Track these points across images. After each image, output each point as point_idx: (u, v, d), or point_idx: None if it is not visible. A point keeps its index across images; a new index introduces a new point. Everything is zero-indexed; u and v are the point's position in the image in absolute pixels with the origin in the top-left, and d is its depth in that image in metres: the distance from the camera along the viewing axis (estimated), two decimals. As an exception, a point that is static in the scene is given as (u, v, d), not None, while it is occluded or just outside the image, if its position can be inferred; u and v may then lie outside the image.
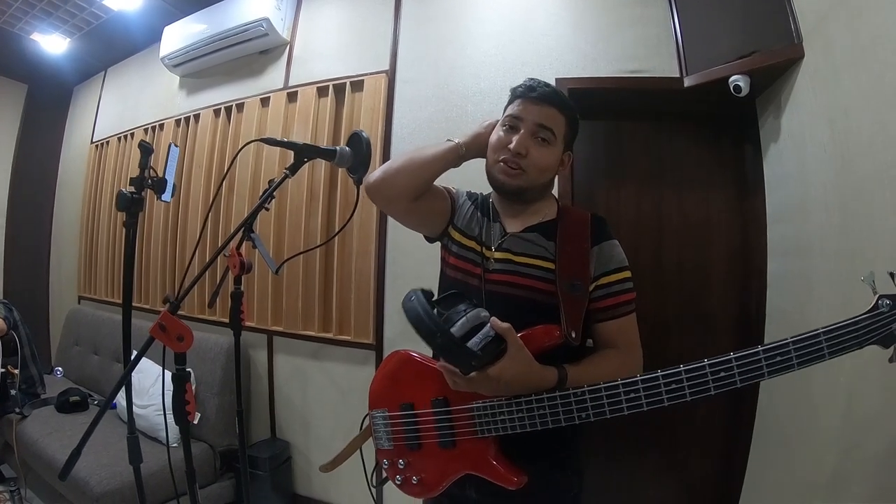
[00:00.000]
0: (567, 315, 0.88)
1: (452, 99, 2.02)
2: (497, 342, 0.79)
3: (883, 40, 1.14)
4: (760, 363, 0.71)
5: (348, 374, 2.13)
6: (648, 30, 1.82)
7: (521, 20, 1.97)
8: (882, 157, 1.14)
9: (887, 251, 1.12)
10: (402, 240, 2.05)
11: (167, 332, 0.95)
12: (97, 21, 2.99)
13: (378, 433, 1.03)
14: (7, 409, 2.33)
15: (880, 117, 1.15)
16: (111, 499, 1.79)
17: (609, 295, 0.93)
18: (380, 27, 2.19)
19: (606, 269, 0.94)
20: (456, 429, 0.90)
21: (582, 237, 0.95)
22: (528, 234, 0.98)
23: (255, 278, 2.28)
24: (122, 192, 1.24)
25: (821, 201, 1.41)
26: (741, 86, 1.59)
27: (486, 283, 0.96)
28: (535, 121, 0.94)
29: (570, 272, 0.92)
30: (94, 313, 3.04)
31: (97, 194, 3.27)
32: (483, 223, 1.04)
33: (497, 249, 0.98)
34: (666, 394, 0.76)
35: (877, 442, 1.13)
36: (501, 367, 0.79)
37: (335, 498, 2.23)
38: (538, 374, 0.83)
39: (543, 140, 0.95)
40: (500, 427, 0.86)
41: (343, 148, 1.15)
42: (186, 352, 1.03)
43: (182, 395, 1.06)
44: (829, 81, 1.37)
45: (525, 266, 0.95)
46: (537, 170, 0.95)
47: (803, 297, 1.52)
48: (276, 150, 2.30)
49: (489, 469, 0.88)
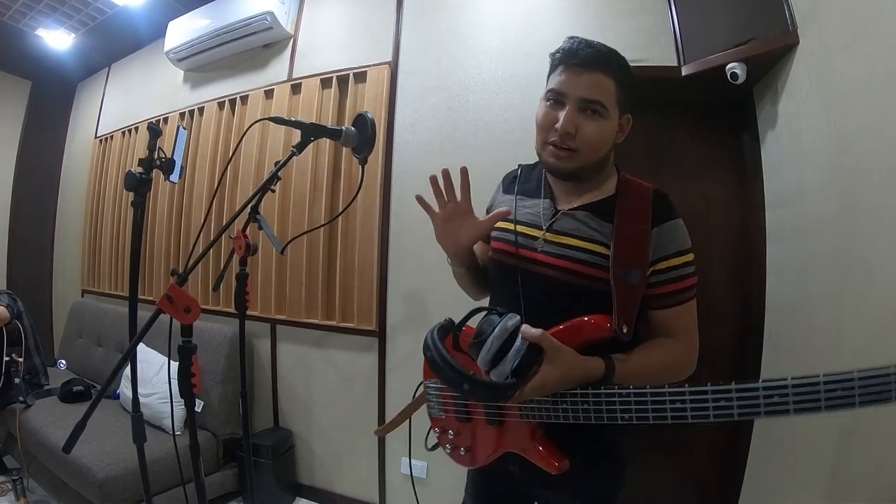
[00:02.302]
0: (620, 307, 0.80)
1: (454, 89, 2.04)
2: (532, 353, 0.75)
3: (875, 23, 1.16)
4: (819, 394, 0.62)
5: (352, 362, 2.14)
6: (646, 19, 1.84)
7: (521, 11, 1.99)
8: (877, 137, 1.16)
9: (883, 232, 1.14)
10: (405, 226, 2.07)
11: (174, 304, 0.97)
12: (102, 16, 3.02)
13: (431, 401, 1.04)
14: (11, 398, 2.34)
15: (875, 99, 1.17)
16: (114, 484, 1.81)
17: (668, 281, 0.85)
18: (382, 19, 2.22)
19: (667, 252, 0.85)
20: (503, 409, 0.89)
21: (642, 217, 0.85)
22: (579, 213, 0.89)
23: (259, 267, 2.31)
24: (131, 172, 1.26)
25: (817, 185, 1.43)
26: (738, 73, 1.60)
27: (522, 262, 0.90)
28: (582, 95, 0.83)
29: (626, 258, 0.82)
30: (97, 306, 3.06)
31: (101, 189, 3.29)
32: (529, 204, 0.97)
33: (548, 231, 0.90)
34: (713, 409, 0.69)
35: (876, 430, 1.14)
36: (543, 375, 0.75)
37: (338, 487, 2.24)
38: (583, 369, 0.78)
39: (594, 112, 0.84)
40: (543, 416, 0.82)
41: (349, 128, 1.18)
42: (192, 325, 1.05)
43: (188, 367, 1.08)
44: (824, 66, 1.38)
45: (575, 249, 0.86)
46: (591, 147, 0.85)
47: (802, 280, 1.53)
48: (280, 139, 2.33)
49: (533, 451, 0.86)
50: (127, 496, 1.83)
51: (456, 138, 2.00)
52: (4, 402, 2.35)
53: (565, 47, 0.88)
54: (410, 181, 2.08)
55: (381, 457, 2.12)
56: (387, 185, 2.10)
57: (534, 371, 0.75)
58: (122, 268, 3.06)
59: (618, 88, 0.87)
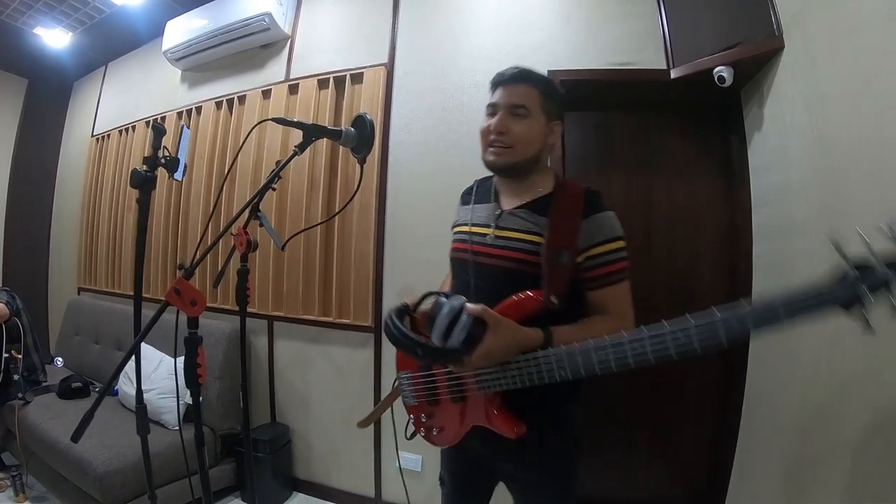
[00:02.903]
0: (549, 281, 0.94)
1: (449, 90, 2.08)
2: (477, 325, 0.87)
3: (856, 28, 1.21)
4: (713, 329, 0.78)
5: (348, 357, 2.17)
6: (636, 23, 1.89)
7: (514, 14, 2.04)
8: (857, 136, 1.21)
9: (862, 227, 1.19)
10: (400, 225, 2.11)
11: (181, 296, 1.01)
12: (100, 15, 3.02)
13: (404, 391, 1.16)
14: (10, 394, 2.35)
15: (855, 100, 1.22)
16: (114, 478, 1.82)
17: (599, 265, 0.98)
18: (379, 22, 2.25)
19: (596, 240, 0.97)
20: (463, 386, 1.01)
21: (574, 210, 0.99)
22: (519, 211, 1.05)
23: (257, 264, 2.33)
24: (136, 169, 1.29)
25: (801, 183, 1.48)
26: (725, 76, 1.65)
27: (474, 256, 1.06)
28: (508, 101, 1.02)
29: (557, 243, 0.96)
30: (94, 303, 3.07)
31: (98, 187, 3.30)
32: (482, 209, 1.12)
33: (495, 228, 1.06)
34: (632, 357, 0.82)
35: (856, 410, 1.19)
36: (488, 343, 0.88)
37: (335, 482, 2.27)
38: (523, 337, 0.91)
39: (520, 116, 1.01)
40: (496, 384, 0.95)
41: (348, 128, 1.22)
42: (198, 317, 1.09)
43: (194, 357, 1.11)
44: (808, 70, 1.44)
45: (517, 241, 1.02)
46: (522, 143, 1.02)
47: (787, 277, 1.58)
48: (277, 139, 2.36)
49: (494, 420, 0.98)
50: (126, 490, 1.85)
51: (450, 138, 2.03)
52: (3, 398, 2.35)
53: (498, 73, 1.08)
54: (406, 181, 2.12)
55: (378, 451, 2.15)
56: (383, 185, 2.14)
57: (479, 340, 0.88)
58: (119, 265, 3.07)
59: (542, 97, 1.04)
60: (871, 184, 1.15)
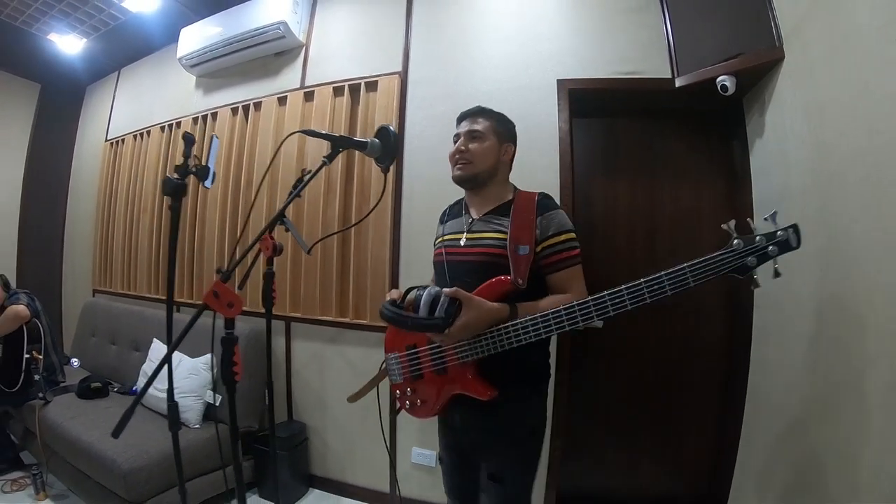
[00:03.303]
0: (515, 268, 1.17)
1: (461, 98, 2.14)
2: (453, 304, 1.11)
3: (852, 40, 1.27)
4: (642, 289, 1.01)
5: (364, 357, 2.24)
6: (642, 34, 1.96)
7: (524, 25, 2.11)
8: (853, 143, 1.27)
9: (858, 229, 1.25)
10: (415, 229, 2.18)
11: (219, 299, 1.07)
12: (115, 22, 3.07)
13: (392, 371, 1.37)
14: (31, 394, 2.40)
15: (851, 110, 1.28)
16: (138, 475, 1.88)
17: (553, 253, 1.20)
18: (392, 31, 2.33)
19: (549, 233, 1.20)
20: (446, 359, 1.21)
21: (529, 210, 1.23)
22: (486, 217, 1.30)
23: (275, 267, 2.39)
24: (169, 177, 1.35)
25: (800, 187, 1.55)
26: (728, 85, 1.72)
27: (448, 256, 1.32)
28: (467, 129, 1.33)
29: (517, 238, 1.20)
30: (110, 305, 3.13)
31: (113, 190, 3.36)
32: (453, 224, 1.38)
33: (467, 233, 1.30)
34: (582, 319, 1.05)
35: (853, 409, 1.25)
36: (464, 318, 1.11)
37: (350, 478, 2.33)
38: (493, 312, 1.13)
39: (477, 138, 1.30)
40: (473, 353, 1.16)
41: (373, 140, 1.28)
42: (235, 317, 1.15)
43: (231, 356, 1.18)
44: (807, 79, 1.50)
45: (486, 239, 1.25)
46: (479, 157, 1.29)
47: (786, 276, 1.64)
48: (294, 146, 2.42)
49: (470, 385, 1.19)
50: (150, 486, 1.91)
51: None
52: (24, 398, 2.41)
53: (463, 111, 1.40)
54: (420, 185, 2.19)
55: (392, 448, 2.22)
56: (398, 189, 2.21)
57: (457, 315, 1.10)
58: (134, 268, 3.13)
59: (495, 123, 1.34)
60: (868, 188, 1.22)
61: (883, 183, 1.16)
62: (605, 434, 2.16)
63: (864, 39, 1.24)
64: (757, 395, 1.82)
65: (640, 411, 2.13)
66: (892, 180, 1.13)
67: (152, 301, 2.99)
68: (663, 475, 2.13)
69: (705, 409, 2.06)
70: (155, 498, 1.92)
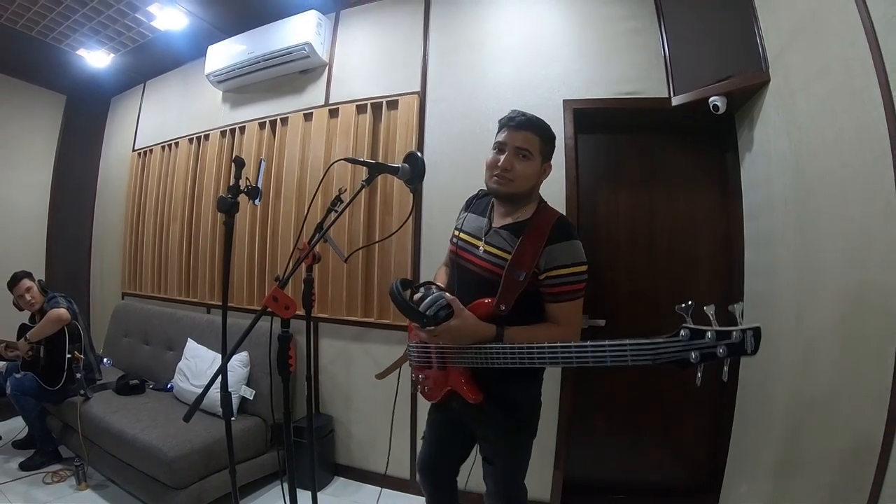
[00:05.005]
0: (502, 293, 1.20)
1: (476, 116, 2.32)
2: (447, 307, 1.20)
3: (828, 68, 1.41)
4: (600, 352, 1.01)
5: (387, 353, 2.39)
6: (641, 56, 2.13)
7: (533, 49, 2.28)
8: (825, 162, 1.43)
9: (828, 240, 1.41)
10: (435, 235, 2.36)
11: (278, 302, 1.26)
12: (143, 39, 3.20)
13: (411, 356, 1.49)
14: (71, 392, 2.55)
15: (824, 132, 1.44)
16: (183, 461, 2.05)
17: (557, 284, 1.20)
18: (411, 53, 2.49)
19: (557, 263, 1.19)
20: (445, 359, 1.32)
21: (539, 237, 1.21)
22: (502, 231, 1.30)
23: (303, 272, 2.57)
24: (223, 197, 1.53)
25: (781, 200, 1.71)
26: (719, 105, 1.88)
27: (459, 259, 1.37)
28: (516, 144, 1.24)
29: (518, 263, 1.20)
30: (142, 307, 3.30)
31: (142, 199, 3.51)
32: (473, 219, 1.40)
33: (485, 243, 1.31)
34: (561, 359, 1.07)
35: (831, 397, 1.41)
36: (448, 323, 1.19)
37: (373, 466, 2.50)
38: (479, 328, 1.20)
39: (524, 157, 1.25)
40: (463, 362, 1.26)
41: (404, 165, 1.46)
42: (289, 318, 1.33)
43: (286, 351, 1.37)
44: (788, 102, 1.65)
45: (490, 254, 1.28)
46: (522, 179, 1.25)
47: (772, 281, 1.80)
48: (320, 158, 2.58)
49: (461, 386, 1.30)
50: (192, 473, 2.08)
51: (479, 159, 2.19)
52: (64, 395, 2.56)
53: (508, 115, 1.29)
54: (438, 198, 2.35)
55: (413, 437, 2.39)
56: (419, 201, 2.38)
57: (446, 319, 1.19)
58: (164, 272, 3.29)
59: (541, 143, 1.27)
60: (834, 205, 1.38)
61: (846, 201, 1.32)
62: (607, 420, 2.32)
63: (833, 72, 1.38)
64: (745, 389, 1.98)
65: (639, 400, 2.28)
66: (854, 199, 1.29)
67: (182, 303, 3.16)
68: (662, 459, 2.28)
69: (701, 396, 2.19)
70: (196, 484, 2.08)
